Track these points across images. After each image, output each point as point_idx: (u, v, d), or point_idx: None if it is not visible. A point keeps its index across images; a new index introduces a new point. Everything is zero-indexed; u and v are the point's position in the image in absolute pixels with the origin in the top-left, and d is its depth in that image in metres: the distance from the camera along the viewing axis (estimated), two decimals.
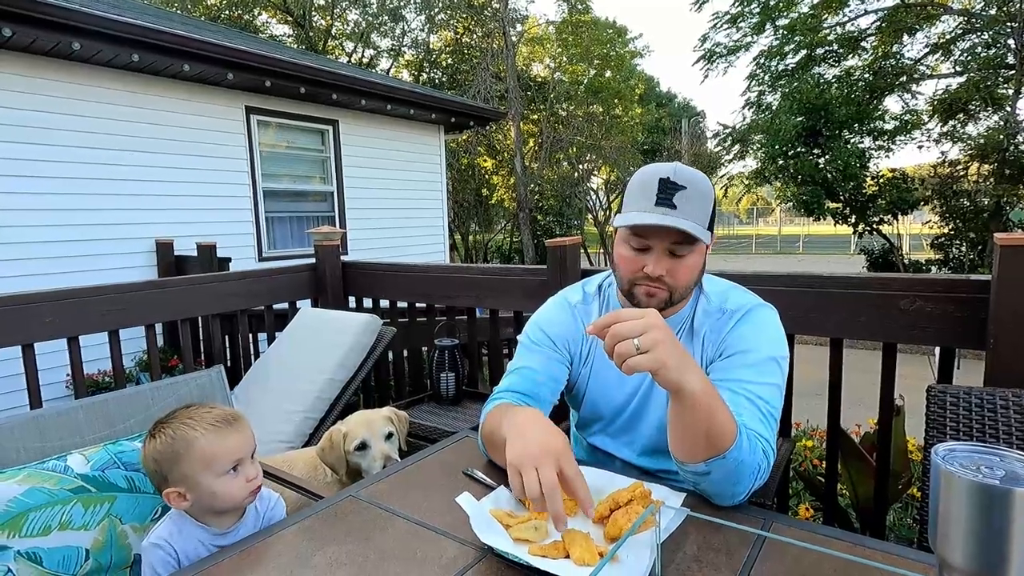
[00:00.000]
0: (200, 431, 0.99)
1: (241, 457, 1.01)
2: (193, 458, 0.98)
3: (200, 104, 4.95)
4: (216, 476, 0.99)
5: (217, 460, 0.99)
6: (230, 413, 1.05)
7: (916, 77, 9.87)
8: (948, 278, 1.49)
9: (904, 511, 2.12)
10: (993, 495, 0.56)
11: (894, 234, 9.65)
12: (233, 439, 1.01)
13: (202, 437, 0.99)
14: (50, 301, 2.03)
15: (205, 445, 0.98)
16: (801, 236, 25.62)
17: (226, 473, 0.99)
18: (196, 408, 1.05)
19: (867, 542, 0.79)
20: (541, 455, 0.79)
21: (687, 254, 0.99)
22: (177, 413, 1.04)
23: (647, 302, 1.02)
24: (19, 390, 2.07)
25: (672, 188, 0.96)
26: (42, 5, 3.52)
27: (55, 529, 1.01)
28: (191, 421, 1.01)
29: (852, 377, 1.76)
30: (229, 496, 1.00)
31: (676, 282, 1.01)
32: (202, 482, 0.98)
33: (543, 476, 0.76)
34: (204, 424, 1.00)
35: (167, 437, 1.00)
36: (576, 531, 0.79)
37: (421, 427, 2.20)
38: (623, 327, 0.77)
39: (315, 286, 2.98)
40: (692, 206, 0.96)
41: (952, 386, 1.06)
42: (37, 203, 4.03)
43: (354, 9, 15.78)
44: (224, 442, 1.00)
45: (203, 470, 0.98)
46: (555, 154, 16.25)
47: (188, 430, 0.99)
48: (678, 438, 0.88)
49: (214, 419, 1.02)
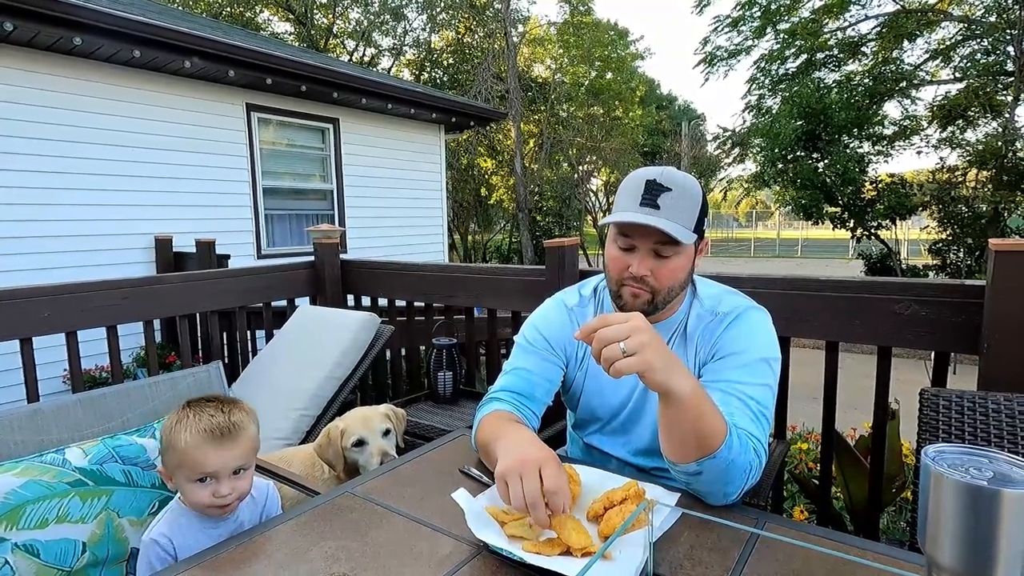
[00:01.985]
0: (188, 434, 0.99)
1: (215, 472, 1.00)
2: (174, 454, 1.00)
3: (201, 101, 4.95)
4: (186, 479, 1.00)
5: (188, 467, 1.00)
6: (229, 426, 1.02)
7: (916, 83, 9.91)
8: (943, 283, 1.50)
9: (898, 514, 2.13)
10: (981, 496, 0.57)
11: (892, 239, 9.68)
12: (213, 455, 0.99)
13: (187, 440, 0.99)
14: (48, 296, 2.03)
15: (185, 449, 0.99)
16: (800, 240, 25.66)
17: (196, 480, 1.00)
18: (207, 406, 1.04)
19: (856, 542, 0.80)
20: (525, 466, 0.82)
21: (671, 255, 1.01)
22: (196, 403, 1.04)
23: (632, 303, 1.05)
24: (14, 385, 2.07)
25: (658, 190, 0.99)
26: (45, 0, 3.52)
27: (52, 522, 1.02)
28: (190, 419, 1.01)
29: (848, 381, 1.77)
30: (194, 501, 1.02)
31: (659, 284, 1.03)
32: (177, 477, 1.02)
33: (526, 486, 0.79)
34: (196, 428, 1.00)
35: (170, 423, 1.02)
36: (566, 516, 0.81)
37: (418, 426, 2.21)
38: (609, 331, 0.78)
39: (314, 284, 2.99)
40: (676, 208, 0.99)
41: (945, 389, 1.06)
42: (35, 198, 4.03)
43: (356, 7, 15.79)
44: (202, 454, 0.99)
45: (177, 468, 1.01)
46: (555, 155, 16.27)
47: (182, 427, 1.00)
48: (668, 439, 0.89)
49: (209, 427, 1.00)
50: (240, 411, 1.06)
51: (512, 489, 0.80)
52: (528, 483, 0.80)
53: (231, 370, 2.98)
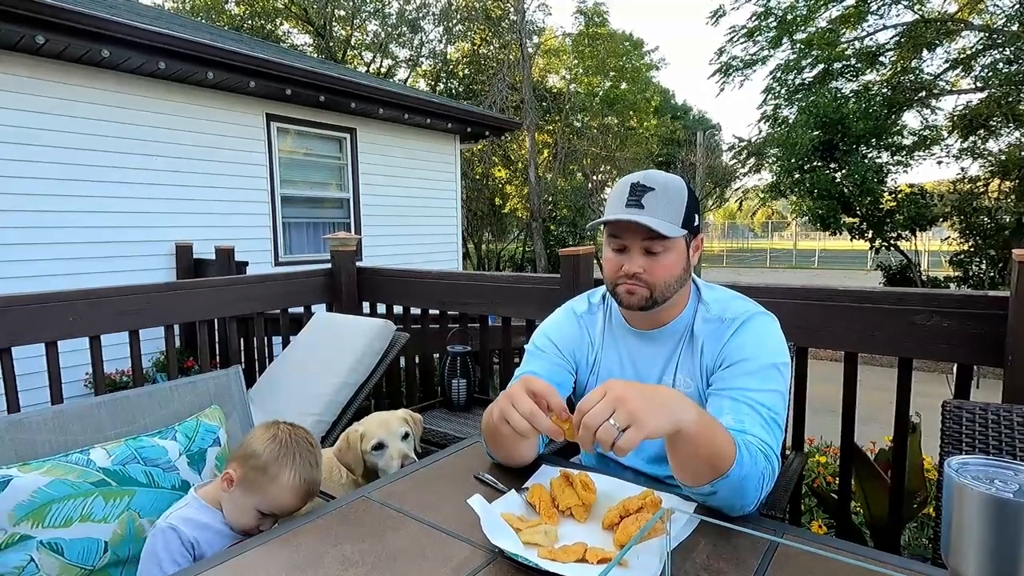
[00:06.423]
0: (292, 477, 1.04)
1: (275, 516, 1.06)
2: (266, 481, 1.04)
3: (222, 111, 5.06)
4: (252, 503, 1.05)
5: (268, 501, 1.05)
6: (317, 484, 1.09)
7: (936, 92, 9.77)
8: (965, 294, 1.48)
9: (920, 530, 2.08)
10: (1007, 508, 0.56)
11: (912, 250, 9.53)
12: (295, 505, 1.06)
13: (286, 482, 1.04)
14: (76, 300, 2.08)
15: (279, 488, 1.04)
16: (817, 251, 25.36)
17: (256, 511, 1.05)
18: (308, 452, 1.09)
19: (876, 555, 0.79)
20: (511, 393, 0.86)
21: (661, 251, 1.04)
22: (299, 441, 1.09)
23: (628, 300, 1.07)
24: (36, 388, 2.12)
25: (641, 190, 1.03)
26: (75, 14, 3.64)
27: (76, 521, 1.04)
28: (297, 462, 1.06)
29: (864, 395, 1.75)
30: (240, 522, 1.07)
31: (654, 279, 1.05)
32: (245, 496, 1.06)
33: (520, 406, 0.83)
34: (300, 476, 1.05)
35: (274, 452, 1.06)
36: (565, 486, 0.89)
37: (432, 433, 2.21)
38: (590, 417, 0.76)
39: (330, 291, 3.02)
40: (660, 205, 1.03)
41: (968, 402, 1.05)
42: (60, 205, 4.14)
43: (374, 20, 16.04)
44: (287, 501, 1.05)
45: (252, 494, 1.05)
46: (569, 165, 16.31)
47: (287, 464, 1.05)
48: (679, 468, 0.88)
49: (308, 479, 1.06)
50: (320, 464, 1.13)
51: (511, 416, 0.83)
52: (520, 404, 0.83)
53: (248, 375, 3.02)
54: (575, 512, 0.90)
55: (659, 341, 1.14)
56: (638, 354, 1.15)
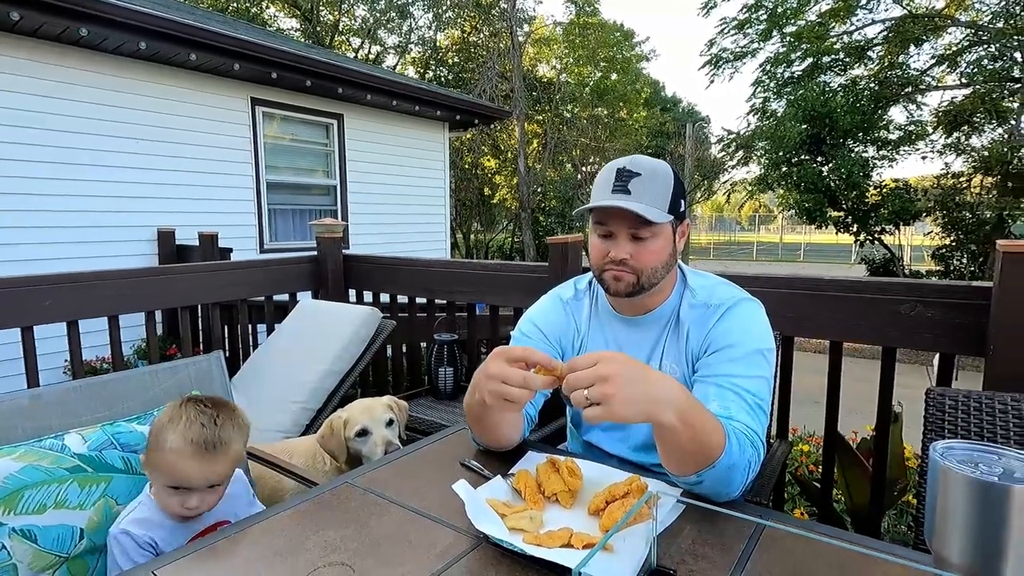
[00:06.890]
0: (175, 439, 0.97)
1: (189, 487, 0.98)
2: (158, 454, 0.99)
3: (205, 94, 4.95)
4: (161, 482, 1.00)
5: (166, 473, 0.99)
6: (216, 441, 0.99)
7: (922, 88, 9.87)
8: (949, 284, 1.49)
9: (899, 518, 2.12)
10: (991, 492, 0.56)
11: (895, 244, 9.65)
12: (193, 468, 0.97)
13: (172, 446, 0.97)
14: (50, 285, 2.03)
15: (168, 453, 0.98)
16: (803, 244, 25.60)
17: (168, 487, 0.99)
18: (203, 412, 1.01)
19: (859, 539, 0.79)
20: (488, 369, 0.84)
21: (649, 237, 1.03)
22: (194, 404, 1.02)
23: (615, 286, 1.06)
24: (15, 375, 2.07)
25: (627, 176, 1.02)
26: None
27: (50, 507, 1.01)
28: (182, 423, 0.99)
29: (848, 385, 1.77)
30: (167, 507, 1.01)
31: (641, 264, 1.04)
32: (153, 477, 1.02)
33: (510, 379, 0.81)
34: (185, 435, 0.98)
35: (163, 419, 1.01)
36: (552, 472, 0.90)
37: (419, 421, 2.20)
38: (572, 378, 0.77)
39: (316, 278, 2.98)
40: (647, 190, 1.02)
41: (951, 389, 1.06)
42: (38, 188, 4.03)
43: (362, 5, 15.80)
44: (182, 466, 0.97)
45: (155, 468, 1.00)
46: (559, 155, 16.26)
47: (172, 428, 0.98)
48: (666, 457, 0.88)
49: (197, 438, 0.98)
50: (232, 425, 1.04)
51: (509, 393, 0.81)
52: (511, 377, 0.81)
53: (232, 363, 2.97)
54: (561, 498, 0.90)
55: (645, 327, 1.13)
56: (624, 340, 1.15)
